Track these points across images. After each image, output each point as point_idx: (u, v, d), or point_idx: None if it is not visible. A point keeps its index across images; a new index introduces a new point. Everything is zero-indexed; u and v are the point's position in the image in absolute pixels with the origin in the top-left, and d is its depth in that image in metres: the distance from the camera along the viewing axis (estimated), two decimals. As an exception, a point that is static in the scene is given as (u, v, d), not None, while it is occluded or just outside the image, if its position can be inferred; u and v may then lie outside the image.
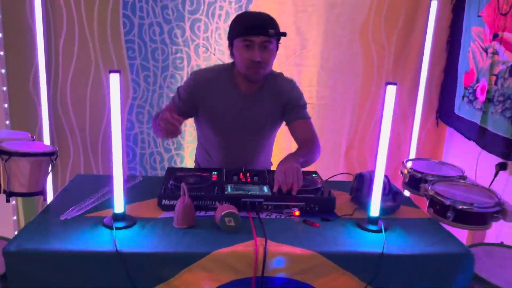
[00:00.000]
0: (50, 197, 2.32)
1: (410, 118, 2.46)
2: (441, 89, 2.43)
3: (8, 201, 1.40)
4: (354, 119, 2.47)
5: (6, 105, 2.28)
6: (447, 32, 2.35)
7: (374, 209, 1.39)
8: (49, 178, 2.33)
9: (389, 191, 1.66)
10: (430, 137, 2.49)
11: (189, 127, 2.38)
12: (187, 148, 2.44)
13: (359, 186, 1.60)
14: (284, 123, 1.79)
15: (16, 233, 2.02)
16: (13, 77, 2.24)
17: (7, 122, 2.29)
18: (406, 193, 1.90)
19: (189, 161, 2.46)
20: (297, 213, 1.46)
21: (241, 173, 1.67)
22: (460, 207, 1.44)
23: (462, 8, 2.22)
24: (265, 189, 1.53)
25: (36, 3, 2.14)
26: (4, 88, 2.26)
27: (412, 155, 2.50)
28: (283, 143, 2.17)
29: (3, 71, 2.24)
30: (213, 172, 1.69)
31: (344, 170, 2.52)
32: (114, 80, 1.23)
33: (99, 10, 2.21)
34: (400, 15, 2.32)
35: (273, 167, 1.96)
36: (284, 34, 1.61)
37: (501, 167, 1.93)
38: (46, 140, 2.30)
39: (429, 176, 1.70)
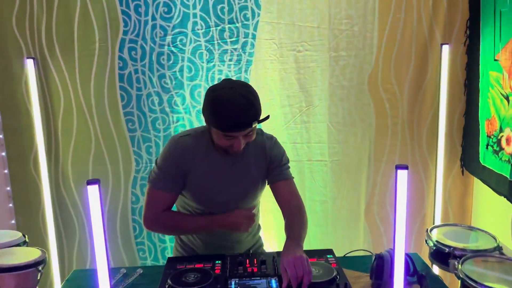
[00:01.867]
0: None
1: (433, 166, 2.29)
2: (463, 134, 2.25)
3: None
4: (371, 173, 2.31)
5: (8, 188, 2.23)
6: (463, 74, 2.19)
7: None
8: (55, 260, 2.28)
9: (414, 272, 1.50)
10: (457, 186, 2.31)
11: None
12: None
13: (379, 270, 1.44)
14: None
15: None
16: (14, 160, 2.20)
17: (10, 205, 2.25)
18: (434, 268, 1.72)
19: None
20: (308, 314, 1.31)
21: (247, 260, 1.54)
22: (497, 296, 1.26)
23: (476, 50, 2.07)
24: (274, 283, 1.39)
25: (31, 84, 2.11)
26: (6, 171, 2.22)
27: (438, 206, 2.31)
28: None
29: (3, 154, 2.20)
30: (217, 262, 1.56)
31: (366, 229, 2.35)
32: (93, 192, 1.13)
33: (96, 85, 2.16)
34: (410, 61, 2.20)
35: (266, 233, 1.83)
36: (267, 118, 1.49)
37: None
38: (50, 222, 2.23)
39: (458, 250, 1.52)
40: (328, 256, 1.59)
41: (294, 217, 1.57)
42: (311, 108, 2.24)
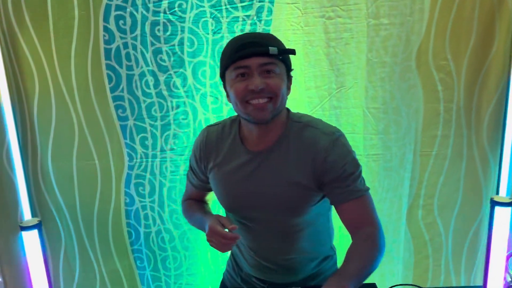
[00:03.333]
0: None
1: (495, 163, 1.85)
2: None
3: None
4: (416, 170, 1.89)
5: (-20, 187, 1.89)
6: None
7: None
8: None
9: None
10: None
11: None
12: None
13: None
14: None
15: None
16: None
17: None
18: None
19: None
20: None
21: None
22: None
23: None
24: None
25: (-1, 63, 1.73)
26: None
27: None
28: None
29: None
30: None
31: (407, 237, 1.96)
32: (31, 239, 0.75)
33: (77, 63, 1.77)
34: (472, 31, 1.73)
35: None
36: (292, 52, 1.14)
37: None
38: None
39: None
40: (372, 294, 1.21)
41: (356, 246, 1.18)
42: (343, 90, 1.81)
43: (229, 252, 1.52)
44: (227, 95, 1.23)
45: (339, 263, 1.45)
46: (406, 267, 2.00)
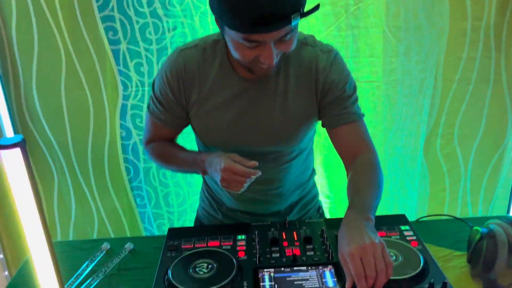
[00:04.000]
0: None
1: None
2: None
3: None
4: (437, 96, 1.76)
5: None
6: None
7: None
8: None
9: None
10: None
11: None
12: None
13: (490, 255, 0.95)
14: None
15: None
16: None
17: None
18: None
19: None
20: (390, 332, 0.84)
21: (283, 234, 1.07)
22: None
23: None
24: (330, 278, 0.91)
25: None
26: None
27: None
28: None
29: None
30: (239, 237, 1.08)
31: (423, 168, 1.86)
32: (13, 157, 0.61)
33: (57, -23, 1.54)
34: None
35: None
36: (316, 8, 0.90)
37: None
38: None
39: None
40: (402, 227, 1.10)
41: (362, 175, 1.06)
42: (361, 7, 1.61)
43: (200, 188, 1.39)
44: (219, 25, 0.99)
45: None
46: (421, 200, 1.92)
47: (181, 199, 1.93)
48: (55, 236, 1.92)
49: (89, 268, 1.09)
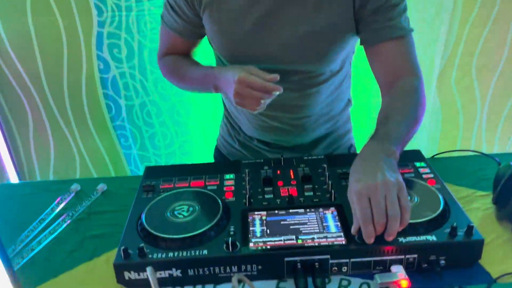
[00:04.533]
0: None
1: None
2: None
3: None
4: (456, 22, 1.56)
5: None
6: None
7: None
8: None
9: None
10: None
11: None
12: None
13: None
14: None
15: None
16: None
17: None
18: None
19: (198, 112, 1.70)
20: (404, 284, 0.71)
21: (278, 172, 0.93)
22: None
23: None
24: (331, 222, 0.77)
25: None
26: None
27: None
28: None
29: None
30: (227, 176, 0.94)
31: (435, 104, 1.69)
32: None
33: None
34: None
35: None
36: None
37: None
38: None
39: None
40: (418, 164, 0.95)
41: (397, 100, 0.89)
42: None
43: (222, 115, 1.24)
44: None
45: (354, 121, 1.21)
46: (431, 139, 1.77)
47: (168, 140, 1.77)
48: (35, 177, 1.79)
49: (55, 212, 0.95)
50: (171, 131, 1.75)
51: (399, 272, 0.72)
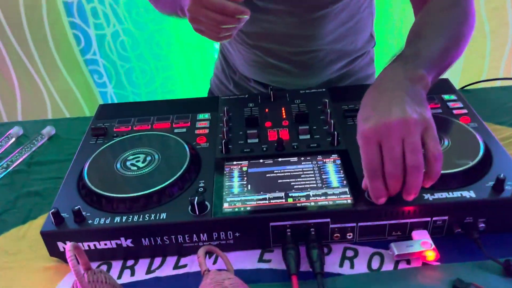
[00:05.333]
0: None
1: None
2: None
3: None
4: None
5: None
6: None
7: None
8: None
9: None
10: None
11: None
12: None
13: None
14: None
15: None
16: None
17: None
18: None
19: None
20: (430, 256, 0.53)
21: (266, 110, 0.73)
22: None
23: None
24: (334, 177, 0.59)
25: None
26: None
27: None
28: None
29: None
30: (200, 116, 0.74)
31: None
32: None
33: None
34: None
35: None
36: None
37: None
38: None
39: None
40: (446, 96, 0.75)
41: (432, 15, 0.67)
42: None
43: (217, 51, 1.03)
44: None
45: (378, 64, 1.00)
46: (452, 71, 1.54)
47: (148, 77, 1.56)
48: (1, 118, 1.61)
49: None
50: (151, 66, 1.53)
51: (423, 239, 0.54)
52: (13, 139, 0.83)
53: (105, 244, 0.56)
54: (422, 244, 0.54)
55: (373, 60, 0.99)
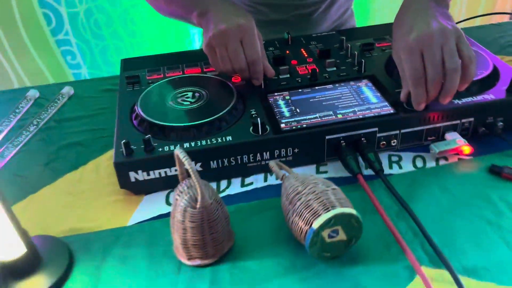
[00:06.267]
0: None
1: None
2: None
3: None
4: None
5: None
6: None
7: None
8: None
9: None
10: None
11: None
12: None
13: None
14: None
15: None
16: None
17: None
18: None
19: None
20: (466, 149, 0.62)
21: (287, 52, 0.80)
22: None
23: None
24: (371, 95, 0.67)
25: None
26: None
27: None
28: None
29: None
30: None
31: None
32: None
33: None
34: None
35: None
36: None
37: None
38: None
39: None
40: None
41: None
42: None
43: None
44: None
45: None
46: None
47: (124, 55, 1.55)
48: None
49: (13, 123, 0.76)
50: (126, 44, 1.53)
51: (457, 138, 0.63)
52: (32, 101, 0.82)
53: (176, 170, 0.59)
54: (458, 141, 0.62)
55: (353, 13, 1.08)
